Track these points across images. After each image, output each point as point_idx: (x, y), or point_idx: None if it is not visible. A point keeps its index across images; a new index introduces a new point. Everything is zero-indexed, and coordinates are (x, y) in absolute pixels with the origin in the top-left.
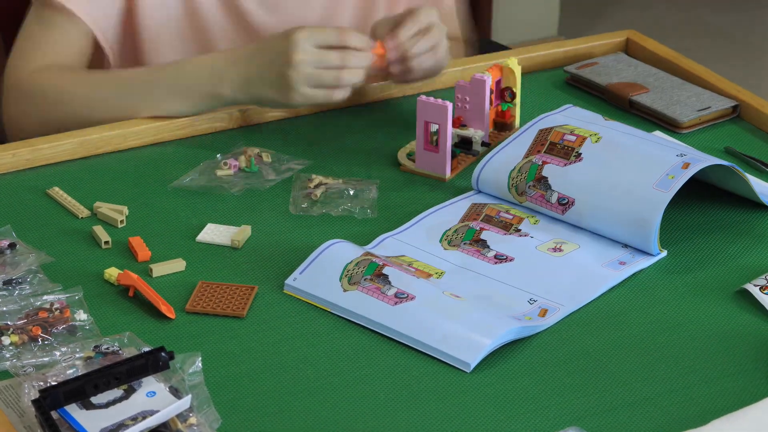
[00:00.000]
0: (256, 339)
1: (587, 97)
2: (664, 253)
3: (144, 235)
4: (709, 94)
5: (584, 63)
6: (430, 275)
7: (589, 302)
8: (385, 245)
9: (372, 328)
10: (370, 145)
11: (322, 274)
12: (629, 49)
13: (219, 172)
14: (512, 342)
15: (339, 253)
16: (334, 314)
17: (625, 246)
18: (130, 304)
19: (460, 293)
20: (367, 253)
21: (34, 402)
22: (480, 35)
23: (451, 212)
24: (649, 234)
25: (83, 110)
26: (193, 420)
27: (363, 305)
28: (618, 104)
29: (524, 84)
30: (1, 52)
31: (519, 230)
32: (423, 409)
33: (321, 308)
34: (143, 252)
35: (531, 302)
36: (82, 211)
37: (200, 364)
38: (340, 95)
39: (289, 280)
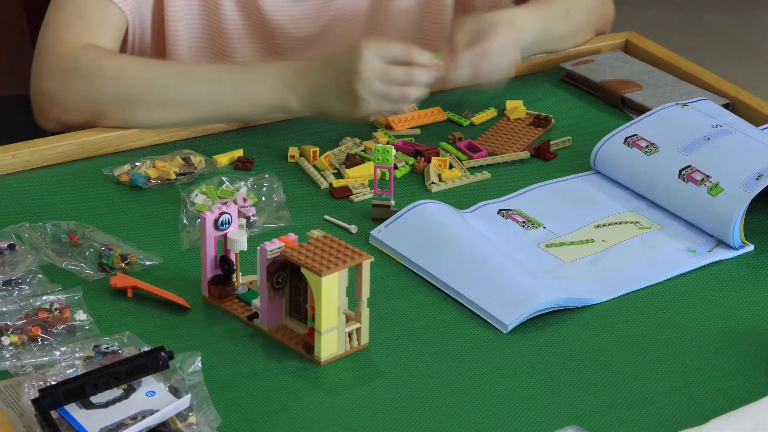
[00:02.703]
0: (256, 339)
1: (581, 94)
2: (751, 247)
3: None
4: (701, 92)
5: (581, 60)
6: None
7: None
8: (483, 211)
9: (437, 285)
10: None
11: (407, 230)
12: (628, 50)
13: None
14: (511, 340)
15: (428, 213)
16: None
17: (710, 236)
18: (129, 304)
19: (528, 262)
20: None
21: (34, 401)
22: None
23: (560, 189)
24: (728, 231)
25: (138, 92)
26: (192, 419)
27: (433, 263)
28: (610, 101)
29: (523, 85)
30: (26, 29)
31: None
32: (423, 408)
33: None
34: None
35: (597, 279)
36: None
37: (200, 364)
38: (405, 108)
39: (374, 231)
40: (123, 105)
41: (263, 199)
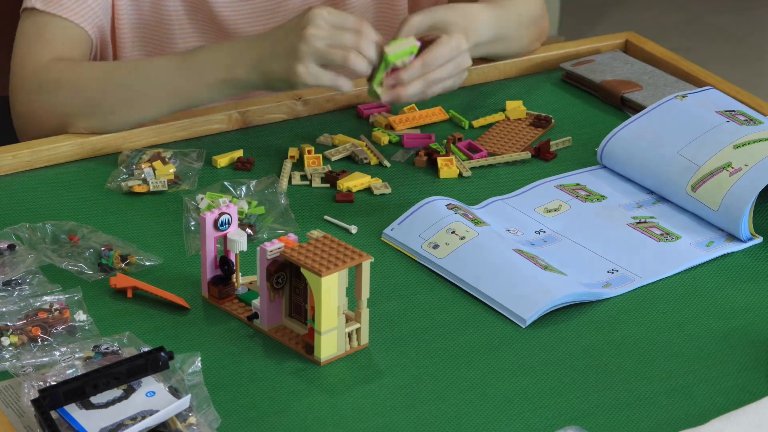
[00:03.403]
0: (256, 340)
1: (581, 94)
2: (759, 239)
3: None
4: None
5: (580, 60)
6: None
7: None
8: (492, 207)
9: (452, 281)
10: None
11: (420, 227)
12: (628, 50)
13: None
14: (511, 341)
15: (439, 208)
16: None
17: (720, 229)
18: (129, 304)
19: (543, 256)
20: (464, 211)
21: (34, 402)
22: None
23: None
24: (738, 221)
25: (97, 96)
26: (192, 420)
27: (448, 259)
28: (610, 101)
29: (523, 85)
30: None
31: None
32: (422, 408)
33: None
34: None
35: (611, 272)
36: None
37: (200, 364)
38: (345, 85)
39: (387, 230)
40: (87, 112)
41: (267, 203)
